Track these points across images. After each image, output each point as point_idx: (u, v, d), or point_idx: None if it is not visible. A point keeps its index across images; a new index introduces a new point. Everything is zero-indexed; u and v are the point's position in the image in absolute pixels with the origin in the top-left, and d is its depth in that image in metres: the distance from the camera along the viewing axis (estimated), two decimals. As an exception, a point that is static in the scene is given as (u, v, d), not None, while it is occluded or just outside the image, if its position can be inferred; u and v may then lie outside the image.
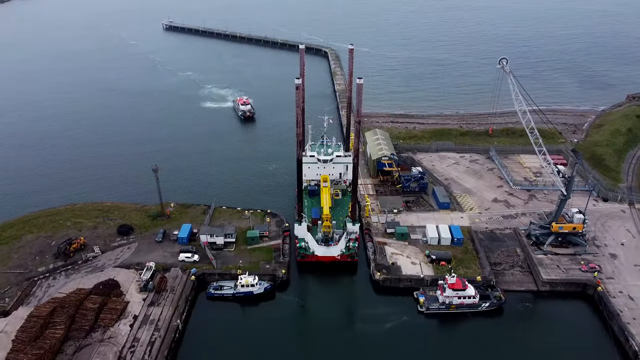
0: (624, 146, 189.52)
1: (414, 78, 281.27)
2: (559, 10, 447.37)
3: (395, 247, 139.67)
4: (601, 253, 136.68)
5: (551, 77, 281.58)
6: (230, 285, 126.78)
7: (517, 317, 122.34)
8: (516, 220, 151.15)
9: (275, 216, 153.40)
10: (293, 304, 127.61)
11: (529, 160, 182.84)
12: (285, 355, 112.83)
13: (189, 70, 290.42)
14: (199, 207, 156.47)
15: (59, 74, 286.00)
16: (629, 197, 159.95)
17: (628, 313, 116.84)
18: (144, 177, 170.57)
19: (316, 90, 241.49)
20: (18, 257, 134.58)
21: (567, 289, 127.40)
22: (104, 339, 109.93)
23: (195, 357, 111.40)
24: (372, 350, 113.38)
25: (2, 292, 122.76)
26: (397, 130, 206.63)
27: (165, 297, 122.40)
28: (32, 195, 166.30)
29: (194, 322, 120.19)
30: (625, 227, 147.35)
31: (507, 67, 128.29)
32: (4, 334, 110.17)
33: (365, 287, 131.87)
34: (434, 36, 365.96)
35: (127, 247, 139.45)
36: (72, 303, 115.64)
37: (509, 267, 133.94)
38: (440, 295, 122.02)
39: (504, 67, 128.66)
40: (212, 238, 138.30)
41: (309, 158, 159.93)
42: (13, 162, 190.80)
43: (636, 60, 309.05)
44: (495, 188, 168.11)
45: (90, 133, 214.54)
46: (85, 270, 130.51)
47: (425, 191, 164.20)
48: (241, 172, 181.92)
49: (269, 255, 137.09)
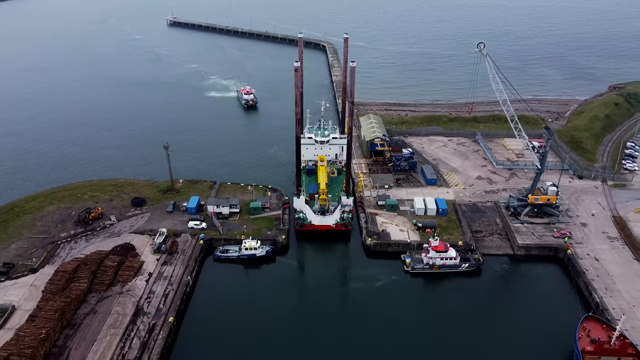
0: (602, 131, 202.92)
1: (408, 71, 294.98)
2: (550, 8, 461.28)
3: (385, 217, 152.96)
4: (573, 222, 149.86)
5: (539, 70, 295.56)
6: (235, 249, 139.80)
7: (494, 277, 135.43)
8: (497, 195, 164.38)
9: (276, 191, 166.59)
10: (292, 265, 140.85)
11: (512, 143, 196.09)
12: (284, 309, 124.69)
13: (194, 62, 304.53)
14: (205, 183, 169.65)
15: (70, 66, 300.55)
16: (602, 175, 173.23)
17: (593, 271, 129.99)
18: (154, 158, 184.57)
19: (314, 80, 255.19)
20: (42, 224, 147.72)
21: (540, 253, 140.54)
22: (122, 291, 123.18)
23: (204, 308, 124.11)
24: (364, 304, 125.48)
25: (30, 253, 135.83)
26: (390, 117, 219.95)
27: (176, 258, 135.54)
28: (52, 173, 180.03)
29: (203, 280, 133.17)
30: (597, 201, 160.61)
31: (485, 50, 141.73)
32: (33, 287, 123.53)
33: (357, 252, 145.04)
34: (428, 33, 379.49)
35: (141, 216, 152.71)
36: (93, 261, 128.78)
37: (489, 235, 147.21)
38: (425, 256, 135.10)
39: (481, 50, 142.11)
40: (218, 208, 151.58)
41: (307, 140, 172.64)
42: (34, 143, 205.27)
43: (618, 54, 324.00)
44: (480, 167, 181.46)
45: (103, 118, 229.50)
46: (104, 235, 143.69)
47: (414, 169, 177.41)
48: (244, 153, 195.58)
49: (270, 223, 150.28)
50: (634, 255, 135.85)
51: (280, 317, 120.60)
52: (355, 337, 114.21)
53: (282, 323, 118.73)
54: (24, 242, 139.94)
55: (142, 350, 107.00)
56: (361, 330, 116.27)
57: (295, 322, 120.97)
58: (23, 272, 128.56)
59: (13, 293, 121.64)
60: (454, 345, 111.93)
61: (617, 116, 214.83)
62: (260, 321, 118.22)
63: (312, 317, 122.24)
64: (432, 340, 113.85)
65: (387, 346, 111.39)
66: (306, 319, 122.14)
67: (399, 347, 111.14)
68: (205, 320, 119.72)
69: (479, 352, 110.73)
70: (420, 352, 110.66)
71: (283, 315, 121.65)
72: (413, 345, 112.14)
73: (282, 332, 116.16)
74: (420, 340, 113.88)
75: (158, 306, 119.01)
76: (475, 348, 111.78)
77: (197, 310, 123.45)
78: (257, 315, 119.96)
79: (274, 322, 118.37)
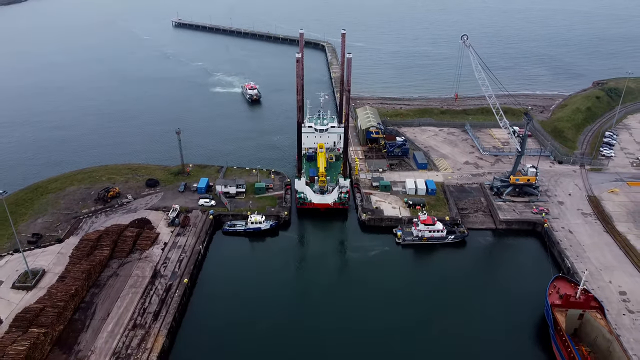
0: (583, 122, 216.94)
1: (404, 68, 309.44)
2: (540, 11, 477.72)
3: (379, 196, 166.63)
4: (551, 201, 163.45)
5: (528, 68, 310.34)
6: (241, 223, 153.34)
7: (477, 248, 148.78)
8: (483, 178, 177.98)
9: (279, 174, 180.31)
10: (293, 238, 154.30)
11: (498, 132, 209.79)
12: (286, 277, 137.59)
13: (199, 60, 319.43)
14: (213, 167, 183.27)
15: (82, 63, 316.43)
16: (580, 161, 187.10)
17: (566, 241, 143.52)
18: (165, 144, 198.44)
19: (314, 77, 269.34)
20: (64, 202, 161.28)
21: (520, 227, 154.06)
22: (141, 257, 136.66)
23: (214, 272, 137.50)
24: (359, 271, 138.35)
25: (55, 226, 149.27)
26: (385, 110, 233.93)
27: (188, 230, 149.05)
28: (72, 157, 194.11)
29: (212, 250, 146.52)
30: (574, 183, 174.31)
31: (468, 42, 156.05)
32: (60, 254, 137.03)
33: (353, 227, 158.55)
34: (425, 34, 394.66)
35: (155, 195, 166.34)
36: (114, 232, 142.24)
37: (473, 212, 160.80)
38: (414, 229, 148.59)
39: (464, 42, 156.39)
40: (226, 188, 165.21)
41: (307, 129, 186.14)
42: (56, 131, 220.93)
43: (603, 53, 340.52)
44: (468, 154, 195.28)
45: (116, 110, 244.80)
46: (122, 212, 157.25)
47: (407, 155, 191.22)
48: (249, 141, 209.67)
49: (273, 202, 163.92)
50: (604, 228, 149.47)
51: (282, 281, 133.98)
52: (351, 300, 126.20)
53: (284, 286, 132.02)
54: (49, 217, 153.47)
55: (161, 306, 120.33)
56: (357, 294, 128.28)
57: (295, 285, 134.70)
58: (50, 241, 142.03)
59: (42, 259, 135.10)
60: (441, 307, 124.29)
61: (597, 109, 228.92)
62: (264, 284, 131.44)
63: (311, 281, 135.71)
64: (420, 303, 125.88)
65: (380, 307, 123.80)
66: (305, 283, 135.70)
67: (391, 307, 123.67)
68: (215, 282, 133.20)
69: (464, 310, 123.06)
70: (410, 312, 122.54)
71: (285, 279, 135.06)
72: (403, 306, 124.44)
73: (284, 293, 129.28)
74: (410, 302, 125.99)
75: (173, 270, 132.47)
76: (460, 307, 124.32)
77: (208, 274, 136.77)
78: (261, 279, 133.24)
79: (277, 285, 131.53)
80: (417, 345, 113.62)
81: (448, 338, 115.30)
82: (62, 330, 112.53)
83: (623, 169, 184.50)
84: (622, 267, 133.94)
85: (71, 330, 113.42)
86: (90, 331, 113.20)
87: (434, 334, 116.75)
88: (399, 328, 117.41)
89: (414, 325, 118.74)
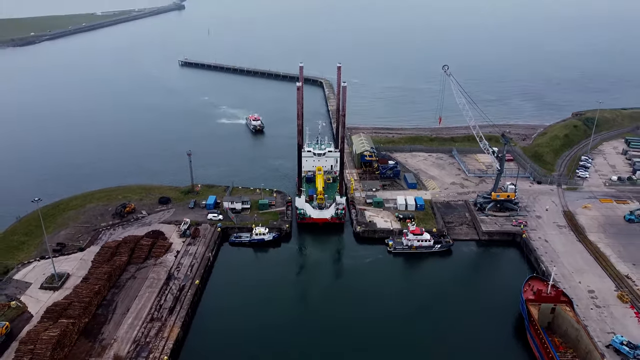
0: (561, 147, 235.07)
1: (396, 103, 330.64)
2: (528, 49, 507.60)
3: (372, 212, 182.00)
4: (530, 215, 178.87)
5: (513, 101, 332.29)
6: (247, 235, 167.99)
7: (462, 256, 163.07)
8: (468, 196, 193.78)
9: (280, 192, 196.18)
10: (294, 249, 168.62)
11: (483, 157, 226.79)
12: (288, 283, 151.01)
13: (205, 95, 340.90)
14: (220, 187, 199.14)
15: (100, 96, 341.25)
16: (557, 181, 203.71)
17: (542, 249, 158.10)
18: (175, 168, 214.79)
19: (313, 109, 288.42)
20: (84, 217, 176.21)
21: (500, 238, 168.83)
22: (156, 263, 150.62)
23: (222, 278, 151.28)
24: (355, 277, 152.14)
25: (77, 237, 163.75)
26: (378, 138, 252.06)
27: (199, 240, 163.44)
28: (89, 180, 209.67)
29: (220, 259, 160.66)
30: (552, 200, 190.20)
31: (449, 71, 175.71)
32: (83, 260, 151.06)
33: (349, 239, 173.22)
34: (417, 69, 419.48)
35: (167, 211, 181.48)
36: (131, 241, 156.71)
37: (459, 224, 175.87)
38: (404, 239, 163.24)
39: (445, 72, 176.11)
40: (232, 204, 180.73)
41: (306, 153, 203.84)
42: (74, 156, 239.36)
43: (583, 88, 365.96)
44: (454, 175, 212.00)
45: (128, 137, 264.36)
46: (137, 225, 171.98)
47: (398, 177, 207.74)
48: (253, 165, 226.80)
49: (275, 216, 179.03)
50: (577, 238, 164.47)
51: (283, 286, 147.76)
52: (347, 304, 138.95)
53: (285, 289, 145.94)
54: (71, 229, 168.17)
55: (175, 302, 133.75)
56: (352, 298, 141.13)
57: (295, 289, 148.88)
58: (73, 250, 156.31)
59: (66, 264, 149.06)
60: (428, 308, 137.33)
61: (575, 136, 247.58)
62: (267, 287, 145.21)
63: (310, 286, 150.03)
64: (409, 305, 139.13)
65: (373, 310, 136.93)
66: (305, 287, 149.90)
67: (382, 310, 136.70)
68: (223, 285, 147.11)
69: (449, 311, 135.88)
70: (400, 314, 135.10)
71: (286, 284, 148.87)
72: (394, 308, 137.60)
73: (285, 296, 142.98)
74: (400, 305, 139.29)
75: (186, 273, 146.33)
76: (445, 306, 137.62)
77: (216, 278, 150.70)
78: (265, 284, 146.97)
79: (279, 289, 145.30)
80: (407, 338, 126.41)
81: (434, 332, 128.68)
82: (87, 323, 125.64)
83: (597, 188, 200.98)
84: (591, 270, 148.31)
85: (95, 323, 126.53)
86: (112, 323, 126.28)
87: (423, 329, 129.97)
88: (391, 326, 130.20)
89: (404, 323, 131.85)
